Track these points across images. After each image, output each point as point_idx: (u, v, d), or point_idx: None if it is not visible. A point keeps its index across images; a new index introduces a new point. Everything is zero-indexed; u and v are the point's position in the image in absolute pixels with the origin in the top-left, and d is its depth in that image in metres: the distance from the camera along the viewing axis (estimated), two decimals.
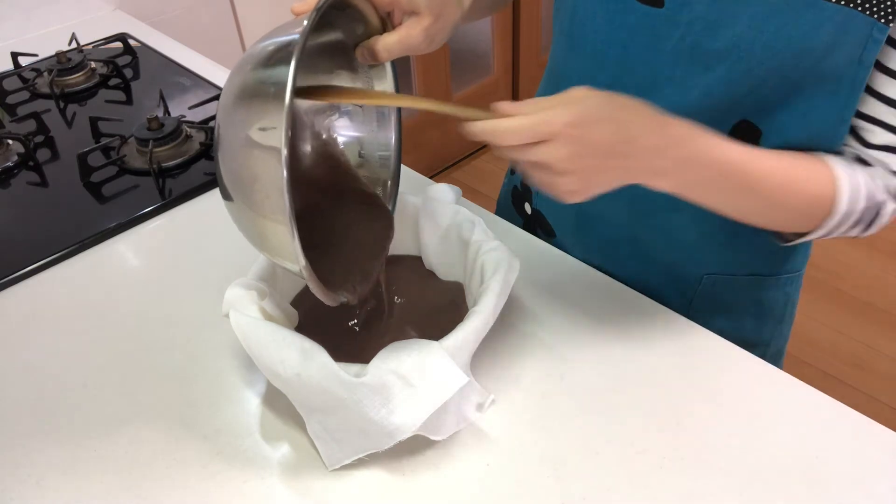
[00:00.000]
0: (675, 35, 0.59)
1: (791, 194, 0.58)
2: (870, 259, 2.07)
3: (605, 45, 0.64)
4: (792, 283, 0.78)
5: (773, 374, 0.64)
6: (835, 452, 0.57)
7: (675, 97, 0.61)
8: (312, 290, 0.53)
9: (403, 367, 0.53)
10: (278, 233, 0.49)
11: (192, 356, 0.68)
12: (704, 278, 0.74)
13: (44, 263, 0.80)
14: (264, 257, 0.65)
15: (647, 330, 0.68)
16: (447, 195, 0.71)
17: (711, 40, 0.57)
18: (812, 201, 0.58)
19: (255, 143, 0.48)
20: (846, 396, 0.71)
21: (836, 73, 0.56)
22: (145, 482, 0.57)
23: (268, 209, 0.49)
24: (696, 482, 0.55)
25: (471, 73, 2.51)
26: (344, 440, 0.56)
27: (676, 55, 0.60)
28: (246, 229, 0.54)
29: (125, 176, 0.93)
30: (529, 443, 0.59)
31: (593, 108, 0.50)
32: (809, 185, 0.58)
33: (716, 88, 0.59)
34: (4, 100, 1.11)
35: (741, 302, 0.76)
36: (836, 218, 0.59)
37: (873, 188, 0.58)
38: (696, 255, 0.73)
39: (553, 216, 0.82)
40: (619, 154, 0.51)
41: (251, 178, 0.49)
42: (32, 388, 0.66)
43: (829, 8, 0.53)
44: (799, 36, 0.54)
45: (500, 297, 0.60)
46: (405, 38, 0.57)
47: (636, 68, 0.63)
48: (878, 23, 0.53)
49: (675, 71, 0.61)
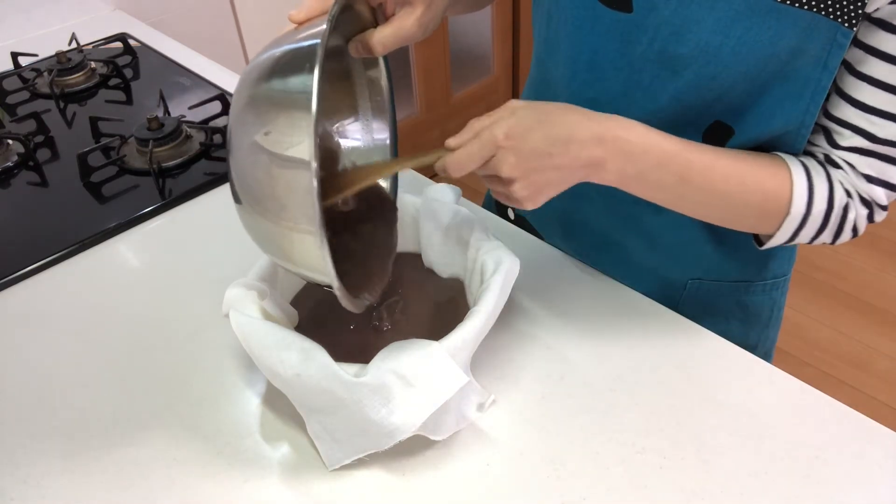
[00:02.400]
0: (643, 40, 0.60)
1: (739, 187, 0.58)
2: (870, 259, 2.07)
3: (576, 51, 0.65)
4: (778, 289, 0.78)
5: (773, 374, 0.64)
6: (835, 452, 0.57)
7: (645, 102, 0.62)
8: (343, 303, 0.53)
9: (403, 367, 0.53)
10: (305, 244, 0.48)
11: (192, 356, 0.68)
12: (689, 283, 0.74)
13: (44, 263, 0.80)
14: (265, 258, 0.65)
15: (647, 330, 0.68)
16: (447, 195, 0.71)
17: (678, 45, 0.58)
18: (765, 196, 0.58)
19: (283, 157, 0.47)
20: (846, 396, 0.71)
21: (801, 77, 0.56)
22: (145, 482, 0.57)
23: (296, 222, 0.48)
24: (696, 482, 0.55)
25: (471, 73, 2.51)
26: (344, 440, 0.56)
27: (645, 60, 0.61)
28: (265, 239, 0.53)
29: (125, 176, 0.93)
30: (529, 443, 0.59)
31: (524, 117, 0.54)
32: (760, 181, 0.58)
33: (685, 93, 0.60)
34: (4, 100, 1.11)
35: (727, 307, 0.76)
36: (794, 218, 0.59)
37: (835, 190, 0.58)
38: (680, 261, 0.73)
39: (538, 222, 0.83)
40: (557, 153, 0.54)
41: (276, 189, 0.49)
42: (32, 388, 0.66)
43: (793, 13, 0.53)
44: (764, 41, 0.55)
45: (500, 297, 0.60)
46: (399, 30, 0.58)
47: (607, 74, 0.64)
48: (841, 27, 0.53)
49: (645, 76, 0.61)
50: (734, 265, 0.73)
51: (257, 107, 0.50)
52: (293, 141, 0.46)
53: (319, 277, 0.51)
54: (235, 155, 0.51)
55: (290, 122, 0.47)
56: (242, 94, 0.51)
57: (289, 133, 0.47)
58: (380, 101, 0.66)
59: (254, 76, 0.51)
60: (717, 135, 0.62)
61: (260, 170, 0.49)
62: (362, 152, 0.67)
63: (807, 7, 0.53)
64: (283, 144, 0.47)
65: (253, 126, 0.49)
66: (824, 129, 0.60)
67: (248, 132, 0.50)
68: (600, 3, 0.61)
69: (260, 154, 0.49)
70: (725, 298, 0.75)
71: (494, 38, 2.48)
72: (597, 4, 0.61)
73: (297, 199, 0.47)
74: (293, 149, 0.47)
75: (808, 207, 0.58)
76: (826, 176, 0.59)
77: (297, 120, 0.46)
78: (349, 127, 0.67)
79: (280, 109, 0.48)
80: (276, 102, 0.49)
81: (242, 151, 0.50)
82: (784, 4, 0.53)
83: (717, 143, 0.62)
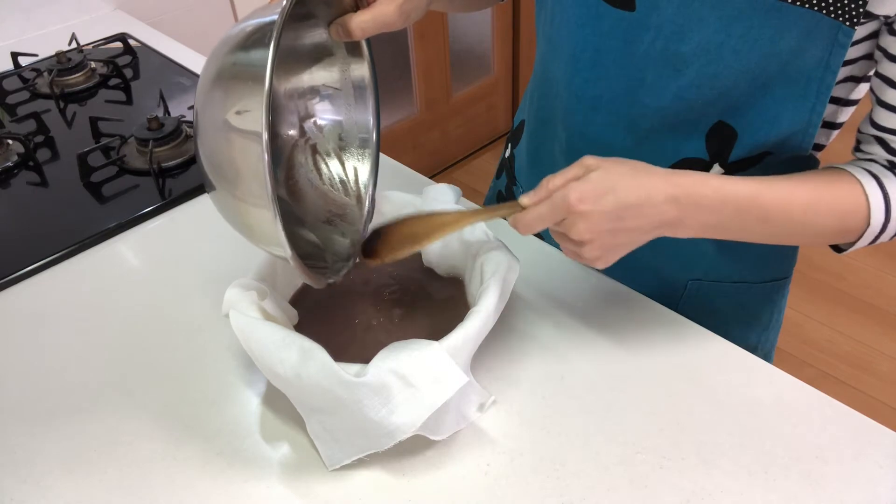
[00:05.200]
0: (646, 39, 0.60)
1: (818, 216, 0.58)
2: (870, 259, 2.07)
3: (579, 50, 0.65)
4: (778, 291, 0.78)
5: (773, 374, 0.64)
6: (835, 452, 0.57)
7: (648, 100, 0.62)
8: (299, 274, 0.54)
9: (403, 367, 0.53)
10: (261, 218, 0.50)
11: (192, 356, 0.68)
12: (689, 284, 0.74)
13: (44, 263, 0.80)
14: (265, 258, 0.66)
15: (647, 330, 0.68)
16: (447, 195, 0.71)
17: (680, 43, 0.58)
18: (844, 216, 0.58)
19: (233, 128, 0.49)
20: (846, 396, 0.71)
21: (804, 77, 0.56)
22: (145, 482, 0.57)
23: (249, 194, 0.50)
24: (696, 482, 0.55)
25: (471, 73, 2.51)
26: (344, 440, 0.56)
27: (648, 59, 0.61)
28: (228, 215, 0.55)
29: (125, 176, 0.93)
30: (529, 443, 0.59)
31: (598, 180, 0.54)
32: (838, 202, 0.58)
33: (687, 91, 0.60)
34: (4, 100, 1.11)
35: (727, 308, 0.76)
36: (875, 228, 0.58)
37: None
38: (680, 261, 0.74)
39: None
40: (630, 216, 0.54)
41: (231, 163, 0.50)
42: (32, 388, 0.66)
43: (794, 11, 0.53)
44: (765, 40, 0.55)
45: (501, 298, 0.60)
46: (379, 15, 0.58)
47: (610, 72, 0.64)
48: (843, 26, 0.53)
49: (648, 74, 0.61)
50: (734, 266, 0.73)
51: (217, 82, 0.51)
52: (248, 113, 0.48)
53: (277, 250, 0.52)
54: (198, 130, 0.53)
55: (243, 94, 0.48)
56: (207, 69, 0.52)
57: (243, 105, 0.48)
58: (361, 82, 0.67)
59: (215, 50, 0.53)
60: (720, 136, 0.62)
61: (220, 144, 0.51)
62: (345, 131, 0.68)
63: (808, 6, 0.53)
64: (239, 118, 0.49)
65: (213, 102, 0.51)
66: (878, 139, 0.59)
67: (209, 109, 0.51)
68: (603, 1, 0.61)
69: (219, 130, 0.50)
70: (725, 299, 0.75)
71: (494, 38, 2.48)
72: (600, 3, 0.61)
73: (249, 170, 0.49)
74: (245, 120, 0.48)
75: (886, 215, 0.58)
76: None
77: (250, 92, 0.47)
78: (327, 104, 0.68)
79: (237, 82, 0.50)
80: (234, 75, 0.50)
81: (205, 128, 0.52)
82: (785, 3, 0.53)
83: (720, 146, 0.62)
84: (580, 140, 0.70)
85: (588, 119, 0.68)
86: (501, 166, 0.93)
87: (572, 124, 0.70)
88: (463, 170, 2.56)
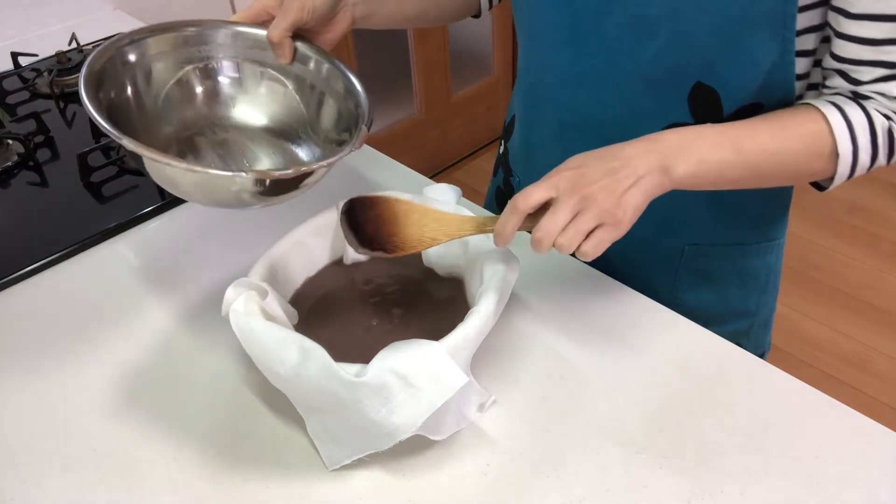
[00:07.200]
0: (617, 9, 0.63)
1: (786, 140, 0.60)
2: (869, 259, 2.07)
3: (556, 31, 0.68)
4: (773, 252, 0.80)
5: (773, 374, 0.64)
6: (835, 452, 0.57)
7: (629, 67, 0.65)
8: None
9: (403, 367, 0.53)
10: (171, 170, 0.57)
11: (192, 356, 0.68)
12: (687, 249, 0.76)
13: (44, 263, 0.80)
14: (265, 257, 0.66)
15: (647, 330, 0.68)
16: (447, 195, 0.71)
17: (648, 6, 0.61)
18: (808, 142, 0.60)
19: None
20: (846, 396, 0.71)
21: (768, 16, 0.58)
22: (145, 482, 0.57)
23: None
24: (696, 482, 0.55)
25: (471, 73, 2.51)
26: (344, 440, 0.56)
27: (621, 28, 0.64)
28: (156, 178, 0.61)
29: (125, 176, 0.93)
30: (529, 443, 0.59)
31: (580, 154, 0.58)
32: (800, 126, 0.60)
33: (664, 53, 0.63)
34: (4, 100, 1.11)
35: (724, 272, 0.78)
36: (845, 155, 0.59)
37: (873, 116, 0.59)
38: (677, 226, 0.76)
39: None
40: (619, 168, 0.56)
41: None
42: (32, 389, 0.66)
43: None
44: None
45: (501, 298, 0.60)
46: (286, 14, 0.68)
47: (588, 48, 0.67)
48: None
49: (624, 43, 0.64)
50: (729, 228, 0.76)
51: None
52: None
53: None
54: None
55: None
56: None
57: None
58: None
59: None
60: (701, 98, 0.64)
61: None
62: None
63: None
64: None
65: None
66: (839, 71, 0.61)
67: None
68: None
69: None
70: (722, 263, 0.78)
71: (494, 38, 2.48)
72: None
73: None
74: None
75: (853, 142, 0.59)
76: (860, 107, 0.60)
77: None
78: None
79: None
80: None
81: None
82: None
83: (704, 109, 0.65)
84: (570, 117, 0.73)
85: (575, 96, 0.71)
86: (497, 163, 0.95)
87: (561, 105, 0.73)
88: (463, 170, 2.56)
